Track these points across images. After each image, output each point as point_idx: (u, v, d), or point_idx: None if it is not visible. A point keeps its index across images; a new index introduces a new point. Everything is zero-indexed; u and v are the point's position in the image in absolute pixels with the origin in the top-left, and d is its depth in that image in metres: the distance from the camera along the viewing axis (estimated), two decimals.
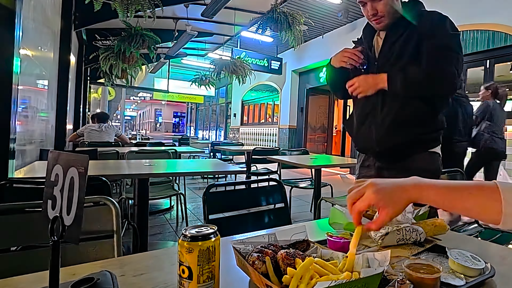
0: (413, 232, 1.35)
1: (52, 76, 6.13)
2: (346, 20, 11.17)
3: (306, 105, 14.86)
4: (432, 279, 0.95)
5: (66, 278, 0.97)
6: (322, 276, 0.92)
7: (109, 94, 22.22)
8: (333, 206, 1.64)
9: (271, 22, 7.91)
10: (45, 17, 5.35)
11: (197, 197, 7.44)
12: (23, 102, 4.19)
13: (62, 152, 0.93)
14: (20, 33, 2.91)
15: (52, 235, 0.82)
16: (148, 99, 55.02)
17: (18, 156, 3.69)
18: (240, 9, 9.94)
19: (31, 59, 4.47)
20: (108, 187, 2.37)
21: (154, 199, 5.16)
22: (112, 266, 1.14)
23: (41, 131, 5.35)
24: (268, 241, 1.17)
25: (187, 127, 39.60)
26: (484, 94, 5.88)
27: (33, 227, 1.60)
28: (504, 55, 7.21)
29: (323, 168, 4.96)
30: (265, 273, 0.95)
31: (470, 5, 7.62)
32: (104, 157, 5.18)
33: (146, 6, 5.74)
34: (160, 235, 5.05)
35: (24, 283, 1.01)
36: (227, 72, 11.24)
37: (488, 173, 5.95)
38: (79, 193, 0.86)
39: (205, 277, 0.88)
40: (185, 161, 5.41)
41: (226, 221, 2.20)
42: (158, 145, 8.42)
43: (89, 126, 7.65)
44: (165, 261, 1.26)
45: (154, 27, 8.05)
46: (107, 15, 6.51)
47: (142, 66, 8.90)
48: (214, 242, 0.90)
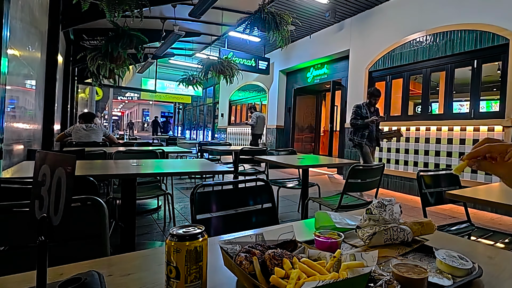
0: (401, 232, 1.37)
1: (40, 76, 6.09)
2: (333, 20, 11.19)
3: (294, 105, 14.87)
4: (419, 280, 0.96)
5: (54, 278, 0.97)
6: (309, 277, 0.93)
7: (97, 94, 22.15)
8: (317, 211, 1.65)
9: (258, 22, 7.90)
10: (33, 17, 5.32)
11: (184, 197, 7.43)
12: (11, 102, 4.16)
13: (50, 152, 0.93)
14: (7, 33, 2.90)
15: (39, 235, 0.82)
16: (136, 99, 54.80)
17: (5, 156, 3.67)
18: (228, 9, 9.94)
19: (19, 59, 4.44)
20: (95, 187, 2.36)
21: (141, 199, 5.15)
22: (100, 266, 1.14)
23: (28, 131, 5.32)
24: (255, 241, 1.18)
25: (175, 127, 39.48)
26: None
27: (20, 227, 1.60)
28: (492, 55, 7.27)
29: (311, 168, 4.98)
30: (252, 273, 0.95)
31: (457, 5, 7.68)
32: (92, 157, 5.15)
33: (134, 6, 5.72)
34: (148, 235, 5.03)
35: (11, 283, 1.01)
36: (215, 72, 11.23)
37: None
38: (66, 193, 0.86)
39: (192, 277, 0.88)
40: (172, 161, 5.40)
41: (213, 221, 2.20)
42: (146, 145, 8.40)
43: (76, 126, 7.61)
44: (152, 261, 1.26)
45: (142, 27, 8.02)
46: (94, 15, 6.50)
47: (130, 66, 8.86)
48: (201, 242, 0.90)
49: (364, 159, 7.66)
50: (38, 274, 0.82)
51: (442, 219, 6.23)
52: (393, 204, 1.41)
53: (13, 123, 4.35)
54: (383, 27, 9.79)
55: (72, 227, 1.34)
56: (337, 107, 12.94)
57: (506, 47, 6.85)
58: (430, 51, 8.33)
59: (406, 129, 8.79)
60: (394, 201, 1.43)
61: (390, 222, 1.39)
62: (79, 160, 3.84)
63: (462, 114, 8.14)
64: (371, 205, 1.41)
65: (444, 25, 7.94)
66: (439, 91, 9.86)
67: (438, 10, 8.08)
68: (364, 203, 4.44)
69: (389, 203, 1.40)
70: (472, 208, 6.84)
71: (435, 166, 7.97)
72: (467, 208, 3.76)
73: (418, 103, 10.68)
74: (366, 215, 1.42)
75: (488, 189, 3.29)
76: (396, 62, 9.29)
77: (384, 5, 9.81)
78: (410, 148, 8.66)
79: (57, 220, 0.86)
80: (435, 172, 3.74)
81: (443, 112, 8.25)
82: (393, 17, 9.50)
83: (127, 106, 65.71)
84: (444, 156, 7.81)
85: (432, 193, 3.55)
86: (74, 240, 1.65)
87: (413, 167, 8.57)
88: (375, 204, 1.41)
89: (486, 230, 3.56)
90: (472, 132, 7.28)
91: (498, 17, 6.93)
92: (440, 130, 7.94)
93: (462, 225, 3.64)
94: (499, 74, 7.46)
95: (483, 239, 3.29)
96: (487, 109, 11.57)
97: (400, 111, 9.37)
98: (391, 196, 1.50)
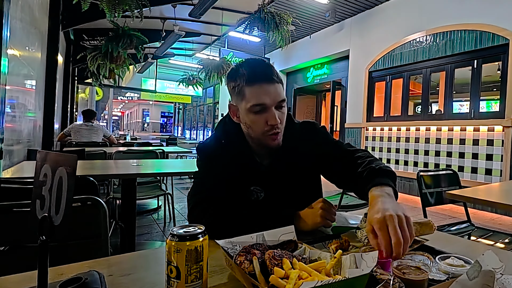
0: None
1: (40, 76, 6.09)
2: (333, 20, 11.19)
3: (294, 105, 14.84)
4: (420, 281, 0.96)
5: (54, 278, 0.97)
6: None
7: (97, 94, 22.12)
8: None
9: (258, 22, 7.89)
10: (33, 17, 5.32)
11: (184, 197, 7.41)
12: (11, 102, 4.17)
13: (51, 152, 0.93)
14: (7, 33, 2.90)
15: (41, 234, 0.83)
16: (136, 99, 54.79)
17: (5, 156, 3.67)
18: (228, 9, 9.94)
19: (19, 59, 4.44)
20: (95, 187, 2.36)
21: (141, 199, 5.15)
22: (100, 266, 1.14)
23: (28, 131, 5.32)
24: (256, 241, 1.18)
25: (175, 127, 39.47)
26: None
27: (20, 227, 1.60)
28: (492, 55, 7.27)
29: None
30: (252, 273, 0.95)
31: (457, 5, 7.68)
32: (92, 157, 5.15)
33: (134, 6, 5.72)
34: (148, 235, 5.04)
35: (11, 283, 1.01)
36: (214, 72, 11.25)
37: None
38: (67, 193, 0.86)
39: (193, 277, 0.88)
40: (172, 161, 5.40)
41: None
42: (146, 145, 8.40)
43: (76, 124, 7.62)
44: (152, 261, 1.27)
45: (142, 27, 8.03)
46: (94, 15, 6.50)
47: (130, 66, 8.86)
48: (202, 242, 0.90)
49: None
50: (39, 274, 0.82)
51: (442, 219, 6.24)
52: None
53: (13, 123, 4.35)
54: (383, 27, 9.79)
55: (72, 227, 1.34)
56: (337, 107, 12.91)
57: (506, 47, 6.86)
58: (430, 51, 8.33)
59: (406, 129, 8.79)
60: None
61: None
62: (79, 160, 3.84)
63: (462, 114, 8.14)
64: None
65: (444, 25, 7.94)
66: (439, 91, 9.87)
67: (438, 10, 8.08)
68: (364, 203, 4.43)
69: None
70: (472, 208, 6.83)
71: (435, 166, 7.97)
72: (467, 208, 3.76)
73: (418, 103, 10.69)
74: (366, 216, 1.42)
75: (488, 189, 3.29)
76: (396, 62, 9.29)
77: (384, 5, 9.81)
78: (410, 148, 8.66)
79: (58, 219, 0.86)
80: (435, 172, 3.74)
81: (443, 112, 8.25)
82: (393, 17, 9.50)
83: (127, 106, 65.69)
84: (444, 156, 7.81)
85: (432, 193, 3.55)
86: (74, 240, 1.65)
87: (413, 167, 8.57)
88: None
89: (486, 230, 3.56)
90: (472, 132, 7.28)
91: (498, 17, 6.93)
92: (440, 130, 7.94)
93: (462, 225, 3.64)
94: (499, 74, 7.46)
95: (483, 239, 3.30)
96: (487, 109, 11.59)
97: (400, 111, 9.37)
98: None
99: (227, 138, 1.75)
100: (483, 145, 7.06)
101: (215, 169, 1.69)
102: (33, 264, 0.85)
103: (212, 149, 1.75)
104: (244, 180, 1.72)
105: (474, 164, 7.23)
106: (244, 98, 1.60)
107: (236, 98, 1.65)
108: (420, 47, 8.60)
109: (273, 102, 1.58)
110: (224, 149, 1.73)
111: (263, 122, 1.60)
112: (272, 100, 1.58)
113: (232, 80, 1.66)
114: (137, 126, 63.50)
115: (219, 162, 1.70)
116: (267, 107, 1.58)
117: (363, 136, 10.24)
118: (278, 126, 1.62)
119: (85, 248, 1.70)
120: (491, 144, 6.92)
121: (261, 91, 1.56)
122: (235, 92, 1.65)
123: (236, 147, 1.73)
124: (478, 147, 7.15)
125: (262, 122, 1.60)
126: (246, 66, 1.63)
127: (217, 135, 1.80)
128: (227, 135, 1.76)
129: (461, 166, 7.42)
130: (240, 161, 1.72)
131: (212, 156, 1.73)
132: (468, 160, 7.33)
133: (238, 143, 1.74)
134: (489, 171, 6.96)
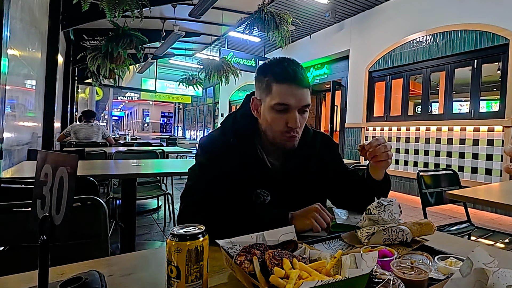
0: (399, 233, 1.36)
1: (40, 76, 6.10)
2: (333, 20, 11.18)
3: None
4: (420, 281, 0.96)
5: (54, 277, 0.97)
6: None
7: (97, 94, 22.12)
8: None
9: (258, 22, 7.89)
10: (33, 17, 5.32)
11: None
12: (11, 102, 4.17)
13: (51, 152, 0.93)
14: (7, 33, 2.90)
15: (41, 234, 0.83)
16: (136, 99, 54.77)
17: (5, 156, 3.67)
18: (228, 9, 9.96)
19: (19, 59, 4.44)
20: (95, 187, 2.36)
21: (141, 199, 5.16)
22: (100, 266, 1.14)
23: (28, 131, 5.32)
24: (256, 241, 1.18)
25: (175, 127, 39.48)
26: None
27: (21, 227, 1.60)
28: (492, 55, 7.27)
29: None
30: (252, 273, 0.95)
31: (457, 5, 7.68)
32: (92, 157, 5.16)
33: (134, 6, 5.73)
34: (148, 235, 5.04)
35: (11, 283, 1.01)
36: (214, 72, 11.25)
37: None
38: (68, 193, 0.86)
39: (193, 277, 0.88)
40: (172, 161, 5.40)
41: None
42: (146, 145, 8.40)
43: (76, 124, 7.63)
44: (153, 261, 1.27)
45: (142, 27, 8.03)
46: (94, 15, 6.50)
47: (130, 66, 8.87)
48: (202, 242, 0.90)
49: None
50: (40, 274, 0.82)
51: (442, 219, 6.24)
52: (392, 205, 1.41)
53: (13, 123, 4.35)
54: (383, 27, 9.78)
55: (73, 227, 1.34)
56: (337, 107, 12.89)
57: (506, 47, 6.86)
58: (430, 51, 8.33)
59: (406, 129, 8.80)
60: (395, 202, 1.43)
61: (389, 222, 1.39)
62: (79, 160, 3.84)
63: (462, 114, 8.15)
64: (370, 205, 1.41)
65: (444, 25, 7.94)
66: (439, 91, 9.86)
67: (438, 10, 8.08)
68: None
69: (388, 203, 1.40)
70: (472, 208, 6.83)
71: (435, 166, 7.97)
72: (467, 208, 3.76)
73: (418, 103, 10.68)
74: (366, 215, 1.42)
75: (488, 189, 3.29)
76: (396, 62, 9.28)
77: (384, 5, 9.80)
78: (410, 148, 8.66)
79: (59, 219, 0.86)
80: (435, 172, 3.75)
81: (443, 112, 8.25)
82: (393, 17, 9.50)
83: (127, 106, 65.65)
84: (444, 156, 7.81)
85: (432, 193, 3.55)
86: (74, 240, 1.65)
87: (413, 167, 8.57)
88: (375, 204, 1.41)
89: (486, 230, 3.57)
90: (472, 132, 7.28)
91: (498, 17, 6.93)
92: (440, 130, 7.94)
93: (462, 225, 3.64)
94: (499, 74, 7.46)
95: (483, 239, 3.30)
96: (487, 109, 11.58)
97: (400, 111, 9.37)
98: (391, 196, 1.50)
99: (237, 136, 1.70)
100: (483, 145, 7.06)
101: (218, 168, 1.64)
102: (33, 264, 0.85)
103: (218, 147, 1.69)
104: (250, 182, 1.68)
105: (474, 164, 7.24)
106: (270, 94, 1.58)
107: (262, 93, 1.63)
108: (420, 47, 8.60)
109: (298, 105, 1.57)
110: (232, 147, 1.67)
111: (283, 122, 1.59)
112: (297, 103, 1.56)
113: (262, 73, 1.64)
114: (137, 126, 63.45)
115: (224, 161, 1.65)
116: (291, 108, 1.56)
117: (363, 136, 10.23)
118: (296, 130, 1.61)
119: (85, 248, 1.70)
120: (491, 144, 6.92)
121: (289, 92, 1.55)
122: (262, 86, 1.63)
123: (247, 147, 1.69)
124: (478, 147, 7.16)
125: (282, 122, 1.59)
126: (279, 63, 1.61)
127: (224, 131, 1.75)
128: (237, 134, 1.71)
129: (461, 166, 7.43)
130: (249, 161, 1.68)
131: (217, 154, 1.67)
132: (468, 160, 7.34)
133: (250, 143, 1.71)
134: (489, 171, 6.97)
